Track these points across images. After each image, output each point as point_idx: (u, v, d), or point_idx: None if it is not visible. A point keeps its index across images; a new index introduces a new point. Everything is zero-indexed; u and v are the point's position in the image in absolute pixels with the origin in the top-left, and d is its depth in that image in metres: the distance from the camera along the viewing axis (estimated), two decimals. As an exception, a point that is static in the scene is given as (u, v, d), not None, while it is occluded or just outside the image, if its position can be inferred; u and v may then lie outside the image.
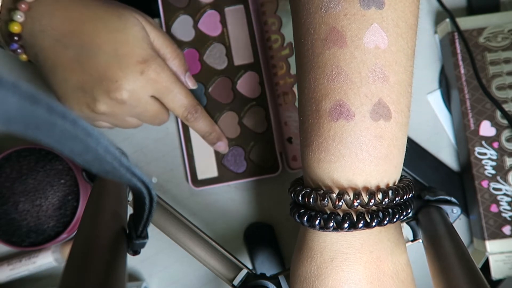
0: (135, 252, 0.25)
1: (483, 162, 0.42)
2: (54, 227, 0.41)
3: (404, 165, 0.44)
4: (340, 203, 0.26)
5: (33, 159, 0.42)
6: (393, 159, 0.27)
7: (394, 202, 0.27)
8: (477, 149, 0.42)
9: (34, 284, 0.45)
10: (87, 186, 0.43)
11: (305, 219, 0.27)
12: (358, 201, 0.25)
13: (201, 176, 0.44)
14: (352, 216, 0.26)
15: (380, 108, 0.26)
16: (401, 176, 0.30)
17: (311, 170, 0.28)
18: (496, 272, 0.41)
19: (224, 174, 0.44)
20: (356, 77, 0.26)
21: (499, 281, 0.42)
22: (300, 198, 0.28)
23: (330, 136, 0.26)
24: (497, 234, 0.41)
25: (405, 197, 0.27)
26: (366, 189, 0.26)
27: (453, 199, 0.36)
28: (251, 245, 0.44)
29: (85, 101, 0.36)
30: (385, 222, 0.26)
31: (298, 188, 0.28)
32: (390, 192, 0.26)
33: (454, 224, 0.33)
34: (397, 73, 0.26)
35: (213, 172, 0.44)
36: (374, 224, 0.26)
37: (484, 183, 0.41)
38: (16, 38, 0.36)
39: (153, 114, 0.39)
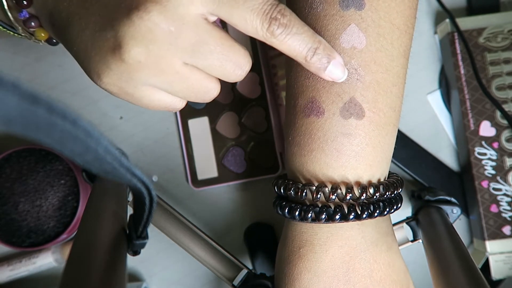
0: (135, 253, 0.25)
1: (483, 162, 0.42)
2: (54, 228, 0.41)
3: (404, 165, 0.44)
4: (304, 194, 0.27)
5: (33, 159, 0.42)
6: (366, 157, 0.27)
7: (375, 198, 0.27)
8: (477, 149, 0.42)
9: (34, 285, 0.45)
10: (87, 186, 0.43)
11: (279, 207, 0.29)
12: (320, 194, 0.26)
13: (201, 176, 0.44)
14: (317, 208, 0.27)
15: (352, 107, 0.27)
16: (390, 174, 0.30)
17: (290, 163, 0.30)
18: (496, 272, 0.41)
19: (224, 174, 0.44)
20: None
21: (499, 281, 0.42)
22: (275, 188, 0.30)
23: (302, 131, 0.28)
24: (497, 234, 0.41)
25: (387, 194, 0.28)
26: (345, 184, 0.27)
27: (453, 199, 0.36)
28: (251, 245, 0.44)
29: (108, 47, 0.23)
30: (364, 216, 0.26)
31: (280, 181, 0.30)
32: (370, 188, 0.27)
33: (454, 224, 0.33)
34: (375, 72, 0.27)
35: (213, 172, 0.44)
36: (337, 217, 0.26)
37: (484, 183, 0.41)
38: (25, 2, 0.27)
39: (217, 47, 0.24)
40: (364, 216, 0.26)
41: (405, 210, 0.44)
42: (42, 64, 0.46)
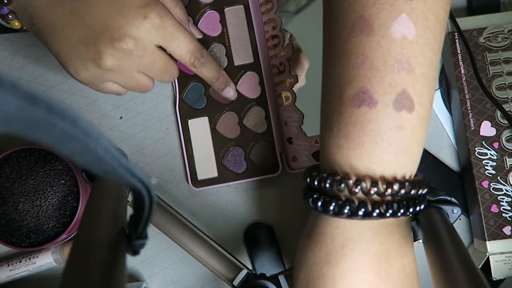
0: (135, 253, 0.25)
1: (484, 162, 0.42)
2: (54, 228, 0.41)
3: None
4: (357, 190, 0.26)
5: (32, 159, 0.42)
6: (412, 152, 0.27)
7: (410, 195, 0.26)
8: (478, 149, 0.42)
9: (34, 285, 0.45)
10: (87, 186, 0.43)
11: (319, 204, 0.27)
12: (375, 189, 0.25)
13: (201, 176, 0.44)
14: (368, 204, 0.26)
15: (404, 99, 0.26)
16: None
17: (330, 155, 0.28)
18: (497, 272, 0.41)
19: (224, 175, 0.44)
20: (381, 66, 0.26)
21: (499, 281, 0.42)
22: (316, 182, 0.28)
23: (351, 122, 0.26)
24: (498, 235, 0.41)
25: (420, 191, 0.27)
26: (383, 179, 0.26)
27: (453, 200, 0.36)
28: (251, 245, 0.44)
29: (89, 57, 0.33)
30: (399, 213, 0.26)
31: (314, 173, 0.28)
32: (407, 184, 0.26)
33: (454, 225, 0.33)
34: (423, 65, 0.26)
35: (213, 172, 0.44)
36: (388, 214, 0.25)
37: (485, 183, 0.41)
38: (5, 0, 0.34)
39: (162, 65, 0.36)
40: (401, 213, 0.26)
41: (405, 210, 0.44)
42: (42, 64, 0.46)
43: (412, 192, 0.26)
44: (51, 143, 0.14)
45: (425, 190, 0.28)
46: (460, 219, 0.44)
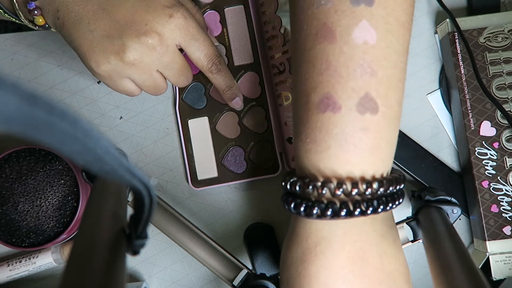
0: (135, 253, 0.25)
1: (484, 162, 0.42)
2: (54, 228, 0.41)
3: (404, 165, 0.44)
4: (324, 191, 0.26)
5: (32, 159, 0.42)
6: (380, 152, 0.27)
7: (379, 193, 0.27)
8: (478, 149, 0.42)
9: (34, 285, 0.45)
10: (87, 186, 0.43)
11: (292, 206, 0.28)
12: (341, 190, 0.26)
13: (201, 176, 0.44)
14: (336, 204, 0.26)
15: (367, 102, 0.26)
16: (392, 169, 0.30)
17: (300, 160, 0.29)
18: (497, 272, 0.41)
19: (224, 175, 0.44)
20: (344, 71, 0.26)
21: (499, 281, 0.42)
22: (289, 186, 0.29)
23: (317, 127, 0.27)
24: (498, 235, 0.41)
25: (390, 189, 0.28)
26: (350, 179, 0.27)
27: (453, 200, 0.36)
28: (251, 245, 0.44)
29: (113, 50, 0.34)
30: (369, 212, 0.26)
31: (288, 177, 0.29)
32: (375, 183, 0.27)
33: (454, 225, 0.33)
34: (386, 68, 0.27)
35: (213, 172, 0.44)
36: (356, 213, 0.26)
37: (485, 183, 0.41)
38: None
39: (180, 66, 0.37)
40: (370, 211, 0.26)
41: (405, 210, 0.44)
42: (42, 64, 0.46)
43: (380, 190, 0.27)
44: (51, 143, 0.14)
45: (398, 187, 0.28)
46: (460, 219, 0.44)
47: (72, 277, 0.19)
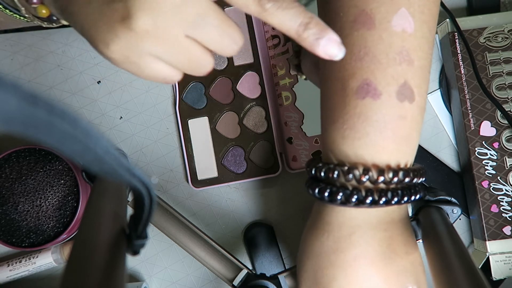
0: (135, 253, 0.25)
1: (484, 162, 0.42)
2: (54, 228, 0.41)
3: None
4: (365, 179, 0.26)
5: (32, 159, 0.42)
6: (412, 141, 0.28)
7: (412, 182, 0.27)
8: (478, 149, 0.42)
9: (34, 285, 0.45)
10: (87, 186, 0.43)
11: (326, 194, 0.27)
12: (382, 178, 0.26)
13: (201, 176, 0.44)
14: (374, 193, 0.26)
15: (405, 90, 0.27)
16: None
17: (335, 146, 0.28)
18: (497, 272, 0.41)
19: (224, 175, 0.44)
20: (384, 58, 0.26)
21: (499, 281, 0.42)
22: (322, 173, 0.28)
23: (356, 113, 0.27)
24: (498, 235, 0.41)
25: (420, 179, 0.28)
26: (389, 167, 0.27)
27: (453, 199, 0.36)
28: (251, 245, 0.44)
29: (116, 17, 0.24)
30: (404, 200, 0.26)
31: (320, 164, 0.28)
32: (400, 172, 0.27)
33: (454, 224, 0.33)
34: (420, 58, 0.27)
35: (213, 172, 0.44)
36: (394, 201, 0.26)
37: (485, 183, 0.41)
38: None
39: (217, 21, 0.25)
40: (395, 201, 0.26)
41: (405, 210, 0.44)
42: (42, 64, 0.46)
43: (415, 180, 0.27)
44: (51, 143, 0.14)
45: (423, 178, 0.29)
46: (460, 219, 0.44)
47: (72, 277, 0.19)
